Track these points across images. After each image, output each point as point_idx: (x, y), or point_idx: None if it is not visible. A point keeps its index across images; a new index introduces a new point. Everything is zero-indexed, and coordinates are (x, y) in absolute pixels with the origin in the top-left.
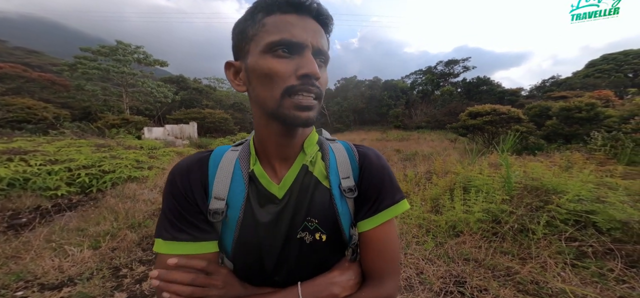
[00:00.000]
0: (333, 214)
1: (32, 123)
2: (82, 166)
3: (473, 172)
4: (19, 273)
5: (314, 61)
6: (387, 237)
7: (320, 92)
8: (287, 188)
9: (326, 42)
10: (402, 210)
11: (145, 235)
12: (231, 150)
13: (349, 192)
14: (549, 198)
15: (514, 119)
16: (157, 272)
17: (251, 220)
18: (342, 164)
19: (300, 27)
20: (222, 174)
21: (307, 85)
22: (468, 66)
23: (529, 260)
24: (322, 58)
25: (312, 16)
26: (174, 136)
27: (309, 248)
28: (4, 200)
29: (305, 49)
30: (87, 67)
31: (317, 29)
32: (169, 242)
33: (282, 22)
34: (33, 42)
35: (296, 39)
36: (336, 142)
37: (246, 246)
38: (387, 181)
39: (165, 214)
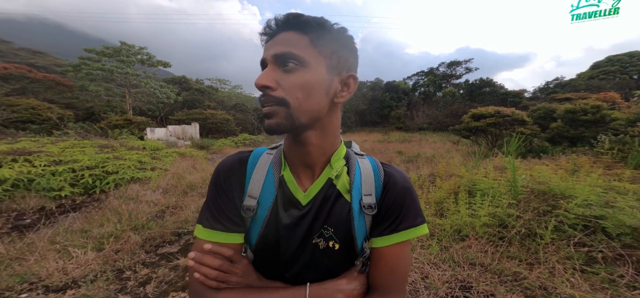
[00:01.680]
0: (349, 227)
1: (36, 123)
2: (85, 167)
3: (478, 176)
4: (23, 274)
5: (266, 72)
6: (400, 255)
7: (280, 97)
8: (311, 197)
9: (299, 43)
10: (421, 234)
11: (149, 237)
12: (267, 153)
13: (369, 208)
14: (556, 203)
15: (518, 121)
16: (194, 254)
17: (275, 220)
18: (366, 181)
19: (265, 49)
20: (257, 175)
21: (262, 96)
22: (470, 67)
23: (536, 265)
24: (287, 62)
25: (282, 30)
26: (176, 137)
27: (321, 253)
28: (8, 201)
29: (266, 64)
30: (91, 68)
31: (283, 39)
32: (207, 229)
33: (263, 51)
34: (37, 43)
35: (261, 58)
36: (364, 157)
37: (267, 242)
38: (409, 203)
39: (208, 204)
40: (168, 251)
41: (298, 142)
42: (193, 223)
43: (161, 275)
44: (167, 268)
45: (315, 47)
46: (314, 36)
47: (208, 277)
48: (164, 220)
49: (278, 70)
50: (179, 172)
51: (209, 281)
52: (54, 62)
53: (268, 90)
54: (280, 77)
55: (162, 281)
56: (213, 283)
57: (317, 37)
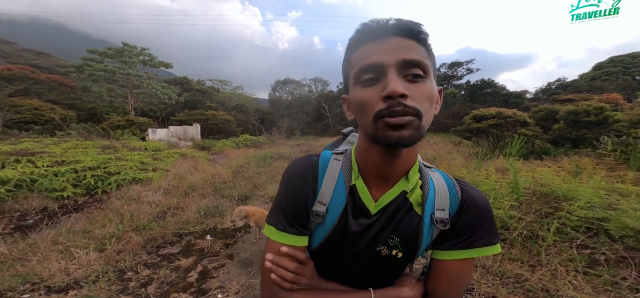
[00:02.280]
0: (416, 238)
1: (39, 124)
2: (88, 167)
3: (479, 177)
4: (25, 275)
5: (397, 79)
6: (466, 270)
7: (415, 108)
8: (381, 207)
9: (421, 52)
10: (495, 252)
11: (150, 238)
12: (334, 159)
13: (441, 223)
14: (559, 205)
15: (520, 122)
16: (271, 256)
17: (343, 228)
18: (440, 196)
19: (378, 51)
20: (328, 182)
21: (393, 106)
22: (472, 68)
23: (538, 267)
24: (416, 69)
25: (395, 35)
26: (177, 137)
27: (382, 260)
28: (11, 202)
29: (387, 70)
30: (93, 69)
31: (402, 45)
32: (281, 232)
33: (362, 54)
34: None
35: (372, 62)
36: (434, 170)
37: (331, 247)
38: (489, 222)
39: (281, 207)
40: (169, 252)
41: (395, 155)
42: (194, 225)
43: (162, 276)
44: (169, 269)
45: (429, 58)
46: (428, 48)
47: (284, 279)
48: (165, 220)
49: (402, 79)
50: (180, 173)
51: (284, 283)
52: (57, 62)
53: (403, 98)
54: (407, 87)
55: (164, 282)
56: (287, 285)
57: (429, 50)
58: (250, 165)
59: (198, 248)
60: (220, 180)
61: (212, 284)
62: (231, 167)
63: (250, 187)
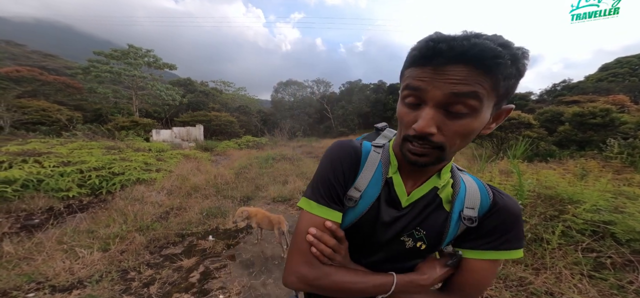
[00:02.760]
0: (442, 233)
1: (46, 125)
2: (93, 168)
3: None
4: (30, 274)
5: (429, 117)
6: (490, 271)
7: (442, 143)
8: (412, 201)
9: (482, 85)
10: (517, 257)
11: (153, 238)
12: (374, 151)
13: (469, 220)
14: (564, 208)
15: (524, 124)
16: (315, 230)
17: (374, 216)
18: (471, 196)
19: (429, 79)
20: (367, 171)
21: (418, 139)
22: None
23: (543, 270)
24: (460, 106)
25: (460, 63)
26: (180, 138)
27: (405, 250)
28: (18, 201)
29: (426, 104)
30: (99, 71)
31: (461, 77)
32: (322, 206)
33: (412, 73)
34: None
35: (415, 85)
36: (466, 174)
37: (359, 233)
38: (519, 227)
39: (324, 182)
40: (172, 252)
41: None
42: (196, 225)
43: (165, 276)
44: (171, 269)
45: (495, 89)
46: (501, 77)
47: (323, 253)
48: (168, 221)
49: (441, 112)
50: (183, 174)
51: (322, 257)
52: (64, 64)
53: (430, 136)
54: (442, 121)
55: (166, 282)
56: (325, 260)
57: (504, 77)
58: (253, 167)
59: (200, 248)
60: (223, 181)
61: (214, 285)
62: (233, 168)
63: (252, 188)
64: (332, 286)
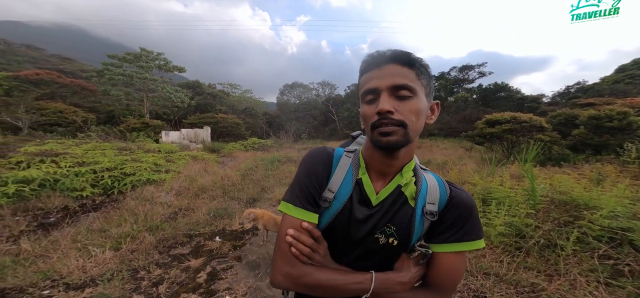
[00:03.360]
0: (410, 227)
1: (62, 126)
2: (105, 168)
3: (493, 184)
4: (46, 272)
5: (386, 99)
6: (460, 262)
7: (401, 119)
8: (382, 199)
9: (410, 76)
10: (479, 247)
11: (162, 238)
12: (345, 156)
13: (430, 215)
14: (579, 214)
15: (536, 127)
16: (293, 231)
17: (347, 214)
18: (432, 192)
19: (376, 78)
20: (339, 174)
21: (382, 118)
22: (484, 72)
23: (556, 277)
24: (404, 91)
25: (391, 62)
26: (188, 140)
27: (380, 247)
28: (35, 200)
29: (381, 93)
30: (113, 73)
31: (394, 71)
32: (299, 208)
33: (366, 79)
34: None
35: (371, 86)
36: (428, 172)
37: (333, 231)
38: (475, 220)
39: (300, 186)
40: (180, 252)
41: (393, 156)
42: (204, 226)
43: (173, 276)
44: (179, 269)
45: (419, 80)
46: (417, 71)
47: (302, 252)
48: (176, 221)
49: (392, 98)
50: (191, 175)
51: (301, 256)
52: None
53: (389, 114)
54: (396, 104)
55: (174, 282)
56: (304, 259)
57: (419, 72)
58: (258, 168)
59: (207, 249)
60: (229, 182)
61: (221, 285)
62: (240, 170)
63: (258, 190)
64: (314, 283)
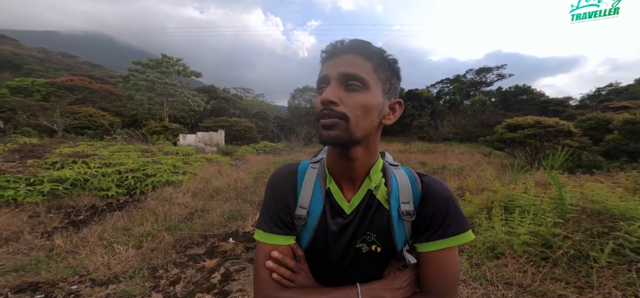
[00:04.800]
0: (389, 232)
1: (92, 129)
2: (129, 169)
3: (516, 191)
4: (75, 267)
5: (332, 88)
6: (449, 260)
7: (342, 112)
8: (354, 207)
9: (364, 67)
10: (467, 240)
11: (179, 238)
12: (311, 167)
13: (407, 215)
14: (615, 224)
15: (563, 132)
16: (277, 254)
17: (324, 228)
18: (403, 191)
19: (329, 66)
20: (306, 188)
21: (325, 109)
22: (503, 74)
23: (587, 289)
24: (352, 82)
25: (347, 52)
26: (203, 143)
27: (364, 256)
28: (67, 198)
29: (330, 81)
30: (137, 79)
31: (347, 61)
32: (268, 233)
33: (322, 69)
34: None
35: (322, 74)
36: (399, 168)
37: (316, 247)
38: (453, 210)
39: (267, 211)
40: (196, 252)
41: (346, 157)
42: (218, 227)
43: (189, 276)
44: (194, 269)
45: (376, 73)
46: (376, 63)
47: (284, 276)
48: (192, 222)
49: (341, 88)
50: (206, 177)
51: (284, 281)
52: (108, 73)
53: (332, 105)
54: (343, 95)
55: (190, 281)
56: (286, 283)
57: (378, 65)
58: (270, 172)
59: (221, 250)
60: (242, 185)
61: (234, 287)
62: (252, 173)
63: None
64: None
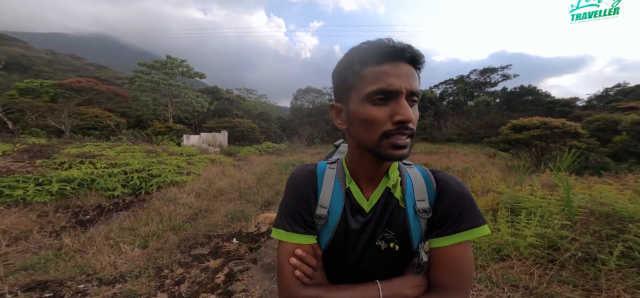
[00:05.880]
0: (406, 229)
1: (98, 130)
2: (135, 170)
3: (522, 193)
4: (82, 266)
5: (407, 106)
6: (462, 255)
7: (414, 130)
8: (373, 205)
9: (418, 81)
10: (483, 234)
11: (184, 238)
12: (329, 168)
13: (423, 212)
14: (624, 227)
15: (570, 133)
16: (301, 252)
17: (345, 226)
18: (418, 189)
19: (395, 75)
20: (326, 188)
21: (402, 128)
22: (508, 74)
23: (596, 292)
24: (415, 98)
25: (407, 62)
26: (207, 143)
27: (382, 253)
28: (74, 198)
29: (399, 95)
30: (142, 80)
31: (410, 73)
32: (290, 232)
33: (378, 73)
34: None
35: (391, 87)
36: (412, 167)
37: (336, 246)
38: (469, 205)
39: (288, 211)
40: (200, 252)
41: (382, 164)
42: (222, 227)
43: (193, 276)
44: (199, 269)
45: (419, 85)
46: (420, 74)
47: (305, 274)
48: (196, 222)
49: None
50: (210, 177)
51: (305, 278)
52: (114, 75)
53: (411, 123)
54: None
55: (194, 281)
56: (307, 280)
57: (420, 76)
58: (273, 172)
59: (225, 250)
60: (245, 185)
61: (238, 287)
62: (255, 174)
63: (272, 194)
64: None
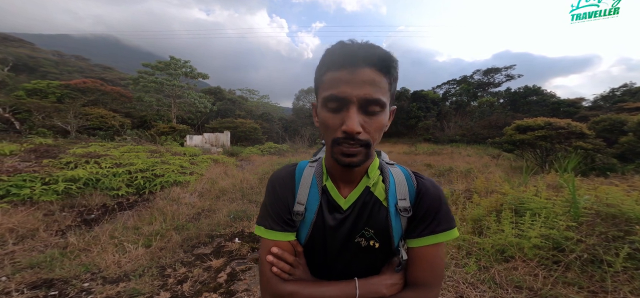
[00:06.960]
0: (387, 227)
1: (103, 130)
2: (139, 169)
3: (527, 194)
4: (87, 265)
5: (355, 118)
6: (438, 254)
7: (366, 140)
8: (351, 203)
9: (383, 87)
10: (454, 236)
11: (186, 237)
12: (309, 166)
13: (404, 211)
14: (631, 228)
15: (576, 134)
16: (277, 250)
17: (321, 223)
18: (400, 188)
19: (348, 82)
20: (304, 185)
21: (348, 139)
22: (512, 74)
23: (601, 294)
24: (375, 106)
25: (366, 66)
26: (210, 144)
27: (362, 251)
28: (80, 198)
29: (350, 105)
30: (146, 81)
31: (369, 79)
32: (269, 230)
33: (334, 80)
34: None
35: (341, 95)
36: (395, 166)
37: (315, 242)
38: (445, 207)
39: (267, 210)
40: (202, 252)
41: (350, 168)
42: (224, 227)
43: (196, 275)
44: (201, 268)
45: (390, 90)
46: (391, 78)
47: (283, 271)
48: (199, 222)
49: (360, 113)
50: (213, 177)
51: (283, 274)
52: (118, 76)
53: (358, 134)
54: (364, 121)
55: (197, 281)
56: (286, 276)
57: (392, 79)
58: None
59: (227, 250)
60: (248, 185)
61: (240, 286)
62: (257, 174)
63: None
64: None
